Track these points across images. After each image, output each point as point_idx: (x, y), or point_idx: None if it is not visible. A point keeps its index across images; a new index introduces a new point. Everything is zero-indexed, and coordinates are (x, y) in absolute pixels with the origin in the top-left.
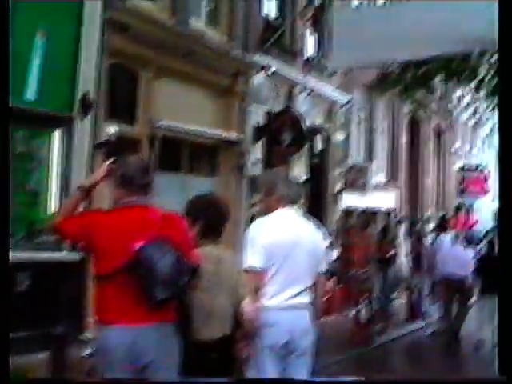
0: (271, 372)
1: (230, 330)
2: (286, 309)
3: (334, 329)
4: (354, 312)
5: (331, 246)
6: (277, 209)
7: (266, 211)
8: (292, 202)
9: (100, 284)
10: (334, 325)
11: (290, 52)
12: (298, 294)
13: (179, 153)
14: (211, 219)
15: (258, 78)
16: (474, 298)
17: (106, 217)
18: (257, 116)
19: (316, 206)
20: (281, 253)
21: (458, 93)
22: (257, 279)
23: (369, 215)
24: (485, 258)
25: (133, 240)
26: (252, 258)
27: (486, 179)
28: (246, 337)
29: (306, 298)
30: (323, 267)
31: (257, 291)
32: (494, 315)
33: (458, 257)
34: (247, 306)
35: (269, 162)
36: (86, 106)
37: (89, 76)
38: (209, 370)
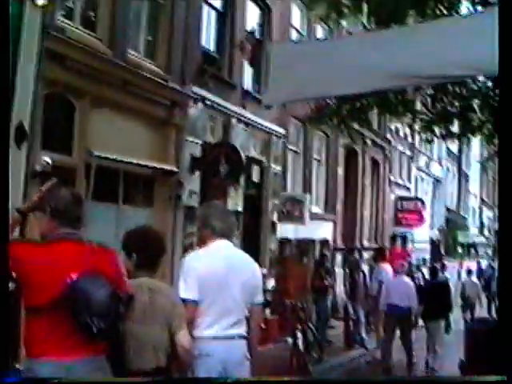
0: None
1: (164, 361)
2: (220, 339)
3: (270, 359)
4: (290, 341)
5: (267, 277)
6: (211, 241)
7: (201, 243)
8: (225, 234)
9: (31, 316)
10: (270, 355)
11: (227, 84)
12: (232, 325)
13: (115, 183)
14: (147, 252)
15: (195, 110)
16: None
17: (37, 249)
18: (193, 147)
19: (252, 236)
20: (214, 284)
21: (394, 125)
22: (190, 311)
23: (305, 245)
24: (426, 285)
25: (66, 273)
26: (186, 290)
27: (421, 210)
28: (181, 369)
29: (240, 329)
30: (259, 298)
31: (190, 323)
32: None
33: (401, 288)
34: (183, 337)
35: (206, 193)
36: (21, 134)
37: (24, 105)
38: None
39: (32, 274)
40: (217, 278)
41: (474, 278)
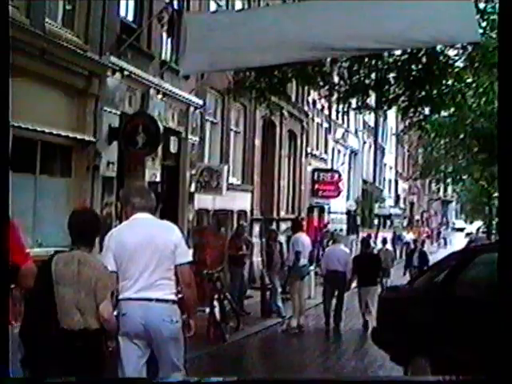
0: (131, 356)
1: (94, 323)
2: (134, 300)
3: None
4: (207, 310)
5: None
6: (132, 215)
7: (125, 218)
8: (145, 208)
9: None
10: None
11: (145, 55)
12: (147, 289)
13: (32, 153)
14: (79, 230)
15: (113, 80)
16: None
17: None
18: (111, 118)
19: (170, 206)
20: (126, 253)
21: (312, 97)
22: (111, 279)
23: (222, 216)
24: (360, 256)
25: None
26: (105, 262)
27: (338, 181)
28: (108, 332)
29: (160, 293)
30: (182, 260)
31: (112, 291)
32: (369, 302)
33: (340, 256)
34: (103, 308)
35: (123, 163)
36: None
37: None
38: (74, 357)
39: None
40: (127, 249)
41: (389, 247)
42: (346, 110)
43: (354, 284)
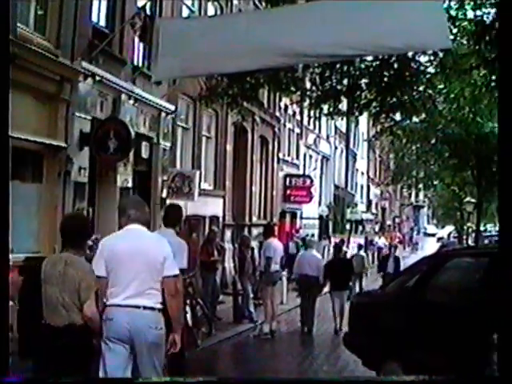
0: (112, 359)
1: (78, 319)
2: (122, 306)
3: None
4: None
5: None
6: (126, 225)
7: (121, 227)
8: (139, 220)
9: None
10: None
11: (117, 60)
12: (135, 296)
13: None
14: (68, 233)
15: (85, 85)
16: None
17: None
18: (82, 123)
19: None
20: (116, 262)
21: (284, 103)
22: (102, 284)
23: (194, 221)
24: (333, 261)
25: None
26: (96, 268)
27: (309, 186)
28: (92, 330)
29: (147, 301)
30: (168, 272)
31: (99, 294)
32: (342, 307)
33: (311, 261)
34: (86, 307)
35: (95, 169)
36: None
37: None
38: (59, 352)
39: None
40: (119, 257)
41: (362, 252)
42: (317, 115)
43: (326, 289)
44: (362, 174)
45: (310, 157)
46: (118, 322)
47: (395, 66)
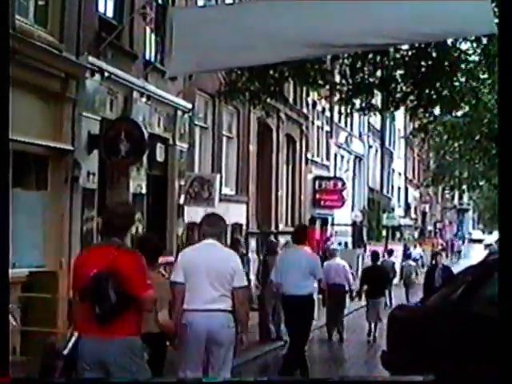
0: (193, 360)
1: (155, 328)
2: (199, 311)
3: None
4: None
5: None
6: (202, 240)
7: (198, 241)
8: (212, 235)
9: (76, 301)
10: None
11: (128, 54)
12: (210, 301)
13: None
14: (149, 252)
15: (92, 83)
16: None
17: (85, 251)
18: (91, 124)
19: (157, 220)
20: (193, 271)
21: (312, 99)
22: (180, 290)
23: None
24: (369, 268)
25: (91, 269)
26: (175, 275)
27: (341, 190)
28: (168, 336)
29: (219, 305)
30: (236, 284)
31: (179, 299)
32: (377, 315)
33: (338, 270)
34: (160, 316)
35: (105, 174)
36: None
37: None
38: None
39: (77, 268)
40: (195, 267)
41: (411, 262)
42: (349, 111)
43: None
44: (399, 174)
45: (342, 157)
46: (196, 324)
47: (433, 54)
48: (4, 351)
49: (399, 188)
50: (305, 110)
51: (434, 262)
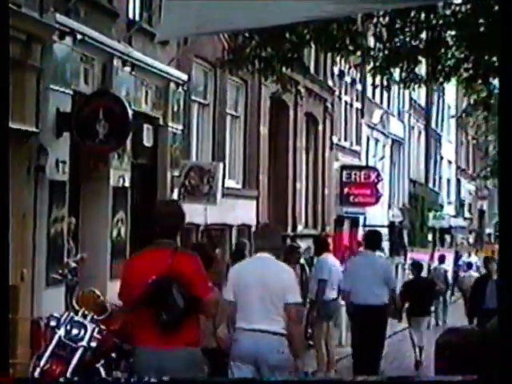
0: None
1: (212, 343)
2: (247, 330)
3: None
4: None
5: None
6: (256, 253)
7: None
8: (264, 249)
9: (131, 310)
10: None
11: (106, 11)
12: (260, 321)
13: None
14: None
15: (61, 47)
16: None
17: (136, 256)
18: (60, 99)
19: (144, 220)
20: (244, 289)
21: (338, 68)
22: (230, 308)
23: (217, 232)
24: (412, 283)
25: (149, 275)
26: (225, 293)
27: (375, 182)
28: (223, 351)
29: (272, 326)
30: (290, 299)
31: (229, 317)
32: (421, 336)
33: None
34: (219, 330)
35: (78, 162)
36: None
37: None
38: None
39: (130, 275)
40: (246, 283)
41: (445, 265)
42: (385, 84)
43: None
44: (450, 163)
45: (376, 141)
46: (242, 344)
47: (495, 8)
48: (4, 351)
49: (449, 180)
50: (330, 83)
51: (486, 270)
